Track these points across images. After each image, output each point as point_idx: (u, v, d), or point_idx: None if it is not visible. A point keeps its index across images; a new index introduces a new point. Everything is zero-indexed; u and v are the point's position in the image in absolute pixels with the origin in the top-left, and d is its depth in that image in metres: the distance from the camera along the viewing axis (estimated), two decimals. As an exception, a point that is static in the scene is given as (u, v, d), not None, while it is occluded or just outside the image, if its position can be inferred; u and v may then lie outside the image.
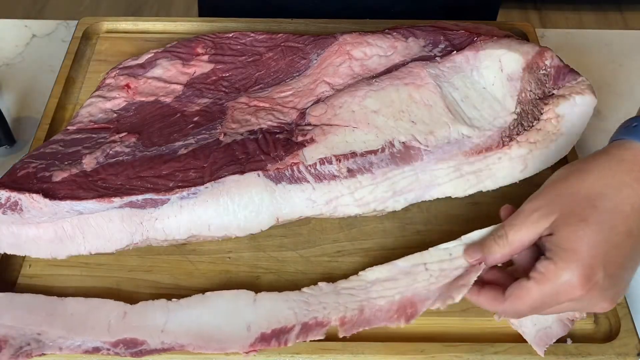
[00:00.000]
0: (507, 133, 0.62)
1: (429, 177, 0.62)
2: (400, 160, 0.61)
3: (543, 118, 0.62)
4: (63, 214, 0.57)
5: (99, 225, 0.58)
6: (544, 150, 0.62)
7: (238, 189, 0.58)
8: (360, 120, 0.62)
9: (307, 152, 0.60)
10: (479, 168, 0.62)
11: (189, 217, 0.58)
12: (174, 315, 0.56)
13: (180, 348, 0.55)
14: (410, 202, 0.62)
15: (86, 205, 0.56)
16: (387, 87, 0.64)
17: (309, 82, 0.68)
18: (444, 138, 0.62)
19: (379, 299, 0.56)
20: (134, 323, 0.56)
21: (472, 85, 0.65)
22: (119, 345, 0.54)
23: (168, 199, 0.57)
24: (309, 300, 0.57)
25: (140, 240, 0.59)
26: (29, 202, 0.56)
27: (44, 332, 0.55)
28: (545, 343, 0.55)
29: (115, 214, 0.58)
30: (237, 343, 0.55)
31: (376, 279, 0.58)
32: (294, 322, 0.56)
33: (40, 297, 0.57)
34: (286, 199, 0.60)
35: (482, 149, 0.62)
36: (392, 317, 0.55)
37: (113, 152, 0.61)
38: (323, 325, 0.55)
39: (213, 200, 0.58)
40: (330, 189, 0.60)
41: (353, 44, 0.69)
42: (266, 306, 0.57)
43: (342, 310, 0.56)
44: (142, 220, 0.58)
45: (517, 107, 0.64)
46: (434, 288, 0.55)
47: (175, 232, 0.59)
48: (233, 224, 0.59)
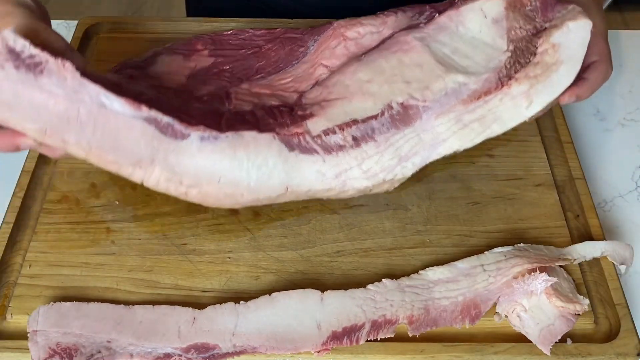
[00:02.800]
0: (505, 73, 0.62)
1: (432, 135, 0.61)
2: (400, 122, 0.61)
3: (539, 51, 0.62)
4: (83, 97, 0.52)
5: (118, 128, 0.53)
6: (546, 82, 0.61)
7: (255, 146, 0.57)
8: (354, 91, 0.62)
9: (310, 124, 0.60)
10: (481, 114, 0.61)
11: (203, 162, 0.56)
12: (244, 317, 0.56)
13: (253, 350, 0.54)
14: (418, 167, 0.61)
15: (113, 101, 0.52)
16: (375, 58, 0.65)
17: (307, 67, 0.69)
18: (441, 90, 0.62)
19: (443, 300, 0.57)
20: (204, 328, 0.55)
21: (459, 39, 0.66)
22: (191, 350, 0.54)
23: (189, 133, 0.55)
24: (375, 298, 0.57)
25: (145, 165, 0.55)
26: (56, 68, 0.50)
27: (113, 339, 0.55)
28: (550, 341, 0.55)
29: (138, 125, 0.54)
30: (309, 342, 0.55)
31: (438, 279, 0.59)
32: (364, 319, 0.56)
33: (108, 306, 0.57)
34: (297, 169, 0.59)
35: (481, 93, 0.61)
36: (457, 318, 0.57)
37: (134, 88, 0.60)
38: (392, 323, 0.56)
39: (230, 151, 0.57)
40: (339, 161, 0.60)
41: (347, 26, 0.70)
42: (334, 304, 0.57)
43: (409, 309, 0.57)
44: (160, 146, 0.55)
45: (509, 45, 0.64)
46: (493, 288, 0.58)
47: (185, 173, 0.56)
48: (244, 182, 0.57)
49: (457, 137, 0.61)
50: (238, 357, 0.55)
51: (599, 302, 0.61)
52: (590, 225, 0.66)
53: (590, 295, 0.61)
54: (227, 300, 0.58)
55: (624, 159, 0.76)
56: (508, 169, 0.71)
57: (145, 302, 0.58)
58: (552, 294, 0.56)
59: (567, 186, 0.70)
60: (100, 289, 0.60)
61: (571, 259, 0.60)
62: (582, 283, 0.61)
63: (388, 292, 0.58)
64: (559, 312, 0.56)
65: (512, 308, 0.57)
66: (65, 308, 0.56)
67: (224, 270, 0.62)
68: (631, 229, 0.69)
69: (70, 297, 0.59)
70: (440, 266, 0.60)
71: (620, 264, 0.61)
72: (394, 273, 0.61)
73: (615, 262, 0.61)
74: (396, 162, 0.60)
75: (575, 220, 0.67)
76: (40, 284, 0.60)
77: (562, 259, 0.60)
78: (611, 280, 0.62)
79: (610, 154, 0.76)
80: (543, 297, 0.57)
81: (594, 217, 0.66)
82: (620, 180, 0.74)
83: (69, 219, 0.65)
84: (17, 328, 0.58)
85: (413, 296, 0.57)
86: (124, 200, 0.67)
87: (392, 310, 0.56)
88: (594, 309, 0.60)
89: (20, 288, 0.60)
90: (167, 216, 0.65)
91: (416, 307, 0.57)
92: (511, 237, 0.65)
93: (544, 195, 0.69)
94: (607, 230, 0.68)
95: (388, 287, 0.58)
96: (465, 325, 0.57)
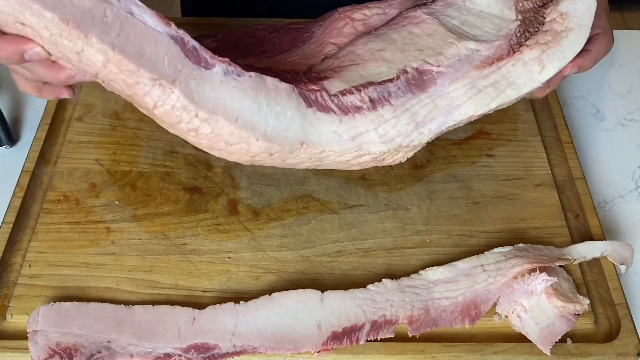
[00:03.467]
0: (515, 40, 0.63)
1: (447, 101, 0.61)
2: (415, 87, 0.61)
3: (547, 20, 0.63)
4: (112, 0, 0.50)
5: (142, 36, 0.52)
6: (557, 48, 0.62)
7: (276, 94, 0.57)
8: (367, 58, 0.63)
9: (327, 84, 0.60)
10: (495, 80, 0.62)
11: (224, 96, 0.54)
12: (243, 317, 0.56)
13: (253, 350, 0.54)
14: (435, 133, 0.61)
15: (144, 11, 0.52)
16: (385, 32, 0.66)
17: (315, 47, 0.70)
18: (454, 55, 0.62)
19: (443, 300, 0.57)
20: (204, 328, 0.55)
21: (467, 12, 0.67)
22: (191, 350, 0.54)
23: (214, 63, 0.55)
24: (376, 298, 0.57)
25: (166, 84, 0.52)
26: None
27: (113, 339, 0.55)
28: (550, 341, 0.55)
29: (164, 40, 0.53)
30: (309, 342, 0.55)
31: (438, 279, 0.59)
32: (364, 320, 0.56)
33: (108, 306, 0.57)
34: (315, 126, 0.58)
35: (494, 59, 0.62)
36: (457, 318, 0.57)
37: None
38: (392, 324, 0.56)
39: (252, 92, 0.56)
40: (356, 123, 0.59)
41: (353, 10, 0.71)
42: (334, 304, 0.57)
43: (409, 309, 0.57)
44: (183, 68, 0.53)
45: (517, 15, 0.65)
46: (493, 288, 0.58)
47: (204, 103, 0.54)
48: (261, 127, 0.56)
49: (472, 102, 0.61)
50: (238, 357, 0.55)
51: (599, 302, 0.61)
52: (590, 225, 0.66)
53: (590, 295, 0.61)
54: (227, 300, 0.58)
55: (624, 159, 0.76)
56: (508, 169, 0.71)
57: (145, 302, 0.58)
58: (552, 294, 0.56)
59: (567, 186, 0.70)
60: (100, 289, 0.60)
61: (571, 259, 0.60)
62: (582, 283, 0.61)
63: (388, 292, 0.58)
64: (559, 312, 0.56)
65: (512, 308, 0.57)
66: (65, 308, 0.56)
67: (224, 270, 0.62)
68: (631, 229, 0.69)
69: (70, 297, 0.59)
70: (440, 266, 0.60)
71: (620, 264, 0.61)
72: (394, 273, 0.61)
73: (615, 262, 0.61)
74: (413, 127, 0.60)
75: (575, 220, 0.67)
76: (40, 284, 0.60)
77: (562, 259, 0.60)
78: (611, 280, 0.62)
79: (610, 154, 0.76)
80: (543, 297, 0.57)
81: (594, 217, 0.66)
82: (620, 180, 0.74)
83: (69, 219, 0.65)
84: (17, 328, 0.58)
85: (413, 296, 0.57)
86: (124, 200, 0.67)
87: (392, 311, 0.56)
88: (594, 309, 0.60)
89: (20, 288, 0.60)
90: (167, 216, 0.65)
91: (416, 308, 0.57)
92: (511, 237, 0.65)
93: (544, 195, 0.69)
94: (607, 230, 0.68)
95: (388, 287, 0.58)
96: (465, 325, 0.57)
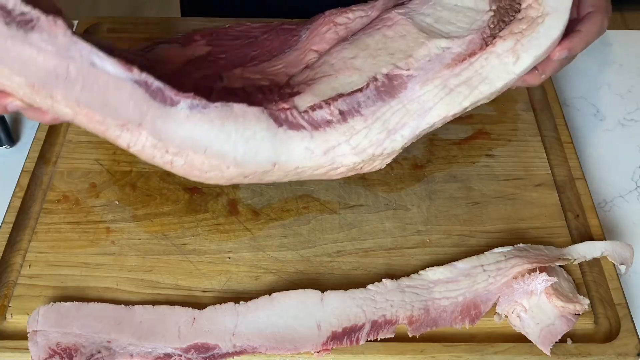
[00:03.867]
0: (489, 33, 0.61)
1: (418, 104, 0.60)
2: (385, 94, 0.60)
3: (523, 7, 0.61)
4: (74, 55, 0.52)
5: (107, 86, 0.53)
6: (533, 35, 0.60)
7: (244, 119, 0.57)
8: (340, 68, 0.63)
9: (297, 100, 0.60)
10: (467, 77, 0.61)
11: (191, 130, 0.55)
12: (243, 317, 0.56)
13: (253, 350, 0.55)
14: (408, 139, 0.60)
15: (104, 60, 0.53)
16: (360, 37, 0.65)
17: (298, 53, 0.70)
18: (424, 56, 0.61)
19: (443, 300, 0.57)
20: (204, 328, 0.56)
21: (442, 8, 0.65)
22: (191, 350, 0.54)
23: (179, 100, 0.55)
24: (376, 298, 0.57)
25: (132, 128, 0.54)
26: (48, 26, 0.50)
27: (113, 339, 0.55)
28: (550, 341, 0.55)
29: (128, 87, 0.54)
30: (309, 342, 0.55)
31: (438, 279, 0.59)
32: (364, 320, 0.56)
33: (108, 306, 0.57)
34: (286, 145, 0.58)
35: (465, 55, 0.61)
36: (457, 318, 0.57)
37: (129, 55, 0.61)
38: (392, 324, 0.56)
39: (219, 122, 0.56)
40: (327, 137, 0.59)
41: (337, 14, 0.71)
42: (334, 304, 0.57)
43: (409, 309, 0.57)
44: (148, 110, 0.54)
45: (491, 5, 0.64)
46: (493, 288, 0.58)
47: (171, 140, 0.55)
48: (231, 154, 0.57)
49: (444, 102, 0.60)
50: (238, 357, 0.55)
51: (599, 302, 0.61)
52: (590, 225, 0.66)
53: (590, 295, 0.61)
54: (227, 300, 0.58)
55: (624, 159, 0.76)
56: (508, 169, 0.71)
57: (145, 302, 0.58)
58: (552, 294, 0.56)
59: (567, 186, 0.70)
60: (100, 289, 0.60)
61: (571, 259, 0.60)
62: (582, 283, 0.62)
63: (388, 293, 0.58)
64: (559, 312, 0.56)
65: (512, 308, 0.57)
66: (65, 308, 0.56)
67: (224, 270, 0.62)
68: (631, 229, 0.69)
69: (70, 297, 0.59)
70: (440, 266, 0.60)
71: (620, 264, 0.61)
72: (394, 273, 0.61)
73: (615, 262, 0.61)
74: (385, 135, 0.60)
75: (575, 220, 0.67)
76: (40, 284, 0.60)
77: (562, 259, 0.60)
78: (611, 280, 0.62)
79: (610, 154, 0.76)
80: (543, 297, 0.57)
81: (594, 217, 0.66)
82: (620, 180, 0.74)
83: (69, 219, 0.65)
84: (17, 328, 0.58)
85: (413, 296, 0.57)
86: (124, 200, 0.67)
87: (392, 311, 0.56)
88: (594, 309, 0.60)
89: (20, 288, 0.60)
90: (167, 216, 0.66)
91: (416, 308, 0.57)
92: (511, 237, 0.65)
93: (544, 195, 0.69)
94: (607, 230, 0.68)
95: (388, 287, 0.58)
96: (465, 325, 0.57)
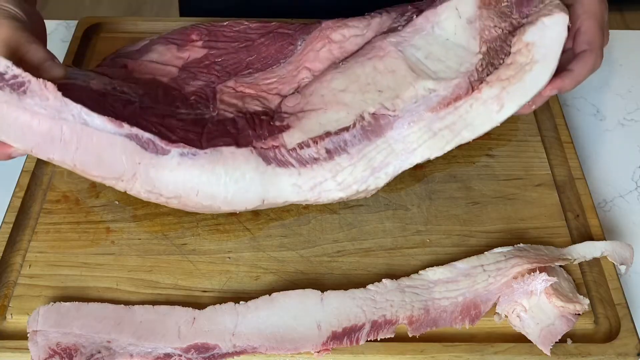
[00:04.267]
0: (476, 77, 0.61)
1: (403, 145, 0.61)
2: (371, 133, 0.61)
3: (513, 51, 0.60)
4: (66, 116, 0.54)
5: (100, 144, 0.56)
6: (519, 84, 0.59)
7: (233, 161, 0.59)
8: (329, 101, 0.63)
9: (286, 137, 0.61)
10: (451, 121, 0.61)
11: (182, 176, 0.58)
12: (243, 317, 0.56)
13: (253, 350, 0.55)
14: (391, 176, 0.61)
15: (95, 119, 0.55)
16: (352, 65, 0.65)
17: (292, 68, 0.70)
18: (411, 98, 0.61)
19: (443, 300, 0.57)
20: (204, 328, 0.55)
21: (434, 41, 0.65)
22: (191, 350, 0.54)
23: (169, 150, 0.57)
24: (376, 298, 0.57)
25: (127, 179, 0.57)
26: (39, 89, 0.53)
27: (113, 339, 0.55)
28: (550, 341, 0.55)
29: (119, 142, 0.56)
30: (309, 342, 0.55)
31: (438, 279, 0.59)
32: (364, 320, 0.56)
33: (108, 306, 0.57)
34: (274, 183, 0.60)
35: (450, 100, 0.61)
36: (457, 318, 0.57)
37: (120, 89, 0.62)
38: (392, 324, 0.56)
39: (209, 166, 0.58)
40: (315, 174, 0.60)
41: (333, 28, 0.71)
42: (334, 304, 0.57)
43: (409, 309, 0.57)
44: (141, 161, 0.57)
45: (482, 47, 0.62)
46: (493, 288, 0.58)
47: (164, 186, 0.58)
48: (221, 195, 0.59)
49: (427, 145, 0.61)
50: (238, 357, 0.55)
51: (599, 302, 0.60)
52: (590, 225, 0.66)
53: (590, 295, 0.61)
54: (227, 300, 0.58)
55: (624, 159, 0.76)
56: (508, 169, 0.71)
57: (145, 302, 0.58)
58: (552, 294, 0.56)
59: (567, 186, 0.70)
60: (100, 289, 0.60)
61: (571, 259, 0.60)
62: (582, 283, 0.61)
63: (388, 293, 0.58)
64: (559, 312, 0.56)
65: (512, 308, 0.57)
66: (65, 308, 0.56)
67: (224, 270, 0.62)
68: (631, 229, 0.69)
69: (70, 297, 0.59)
70: (440, 266, 0.60)
71: (620, 264, 0.61)
72: (394, 273, 0.61)
73: (615, 262, 0.61)
74: (369, 173, 0.61)
75: (575, 220, 0.67)
76: (40, 284, 0.60)
77: (562, 259, 0.60)
78: (611, 280, 0.62)
79: (610, 154, 0.76)
80: (543, 297, 0.57)
81: (594, 217, 0.66)
82: (620, 180, 0.74)
83: (69, 219, 0.65)
84: (17, 328, 0.58)
85: (413, 296, 0.57)
86: (124, 200, 0.67)
87: (392, 311, 0.56)
88: (594, 309, 0.60)
89: (20, 288, 0.60)
90: (167, 216, 0.65)
91: (416, 308, 0.57)
92: (511, 237, 0.65)
93: (544, 195, 0.68)
94: (607, 230, 0.68)
95: (388, 288, 0.58)
96: (465, 325, 0.57)
